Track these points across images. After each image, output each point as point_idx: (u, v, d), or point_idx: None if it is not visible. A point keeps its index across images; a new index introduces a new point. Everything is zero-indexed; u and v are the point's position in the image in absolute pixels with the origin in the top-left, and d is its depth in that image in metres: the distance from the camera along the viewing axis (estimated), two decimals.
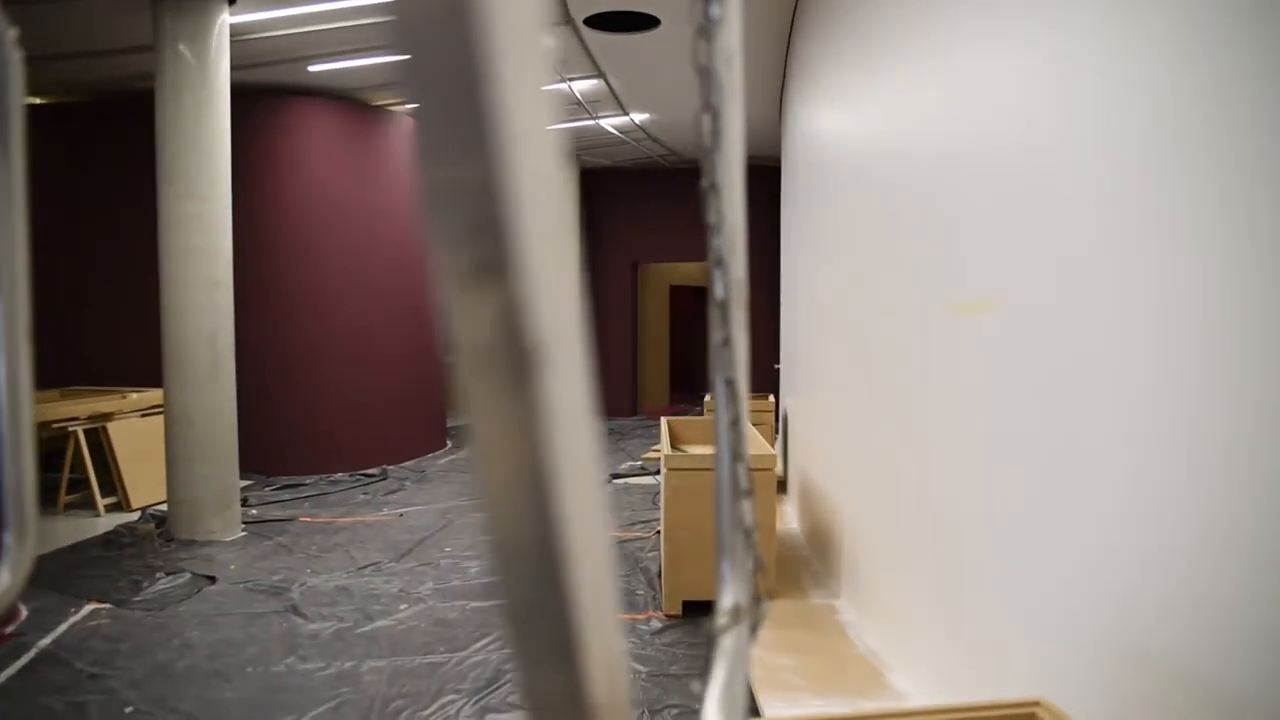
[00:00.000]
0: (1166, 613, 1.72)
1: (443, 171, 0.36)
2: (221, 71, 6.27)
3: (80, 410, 6.94)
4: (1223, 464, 1.55)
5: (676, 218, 13.59)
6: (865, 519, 4.28)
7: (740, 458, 0.63)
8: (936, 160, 3.14)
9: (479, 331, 0.36)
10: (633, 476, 8.56)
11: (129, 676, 3.87)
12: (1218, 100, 1.55)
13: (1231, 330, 1.53)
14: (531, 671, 0.41)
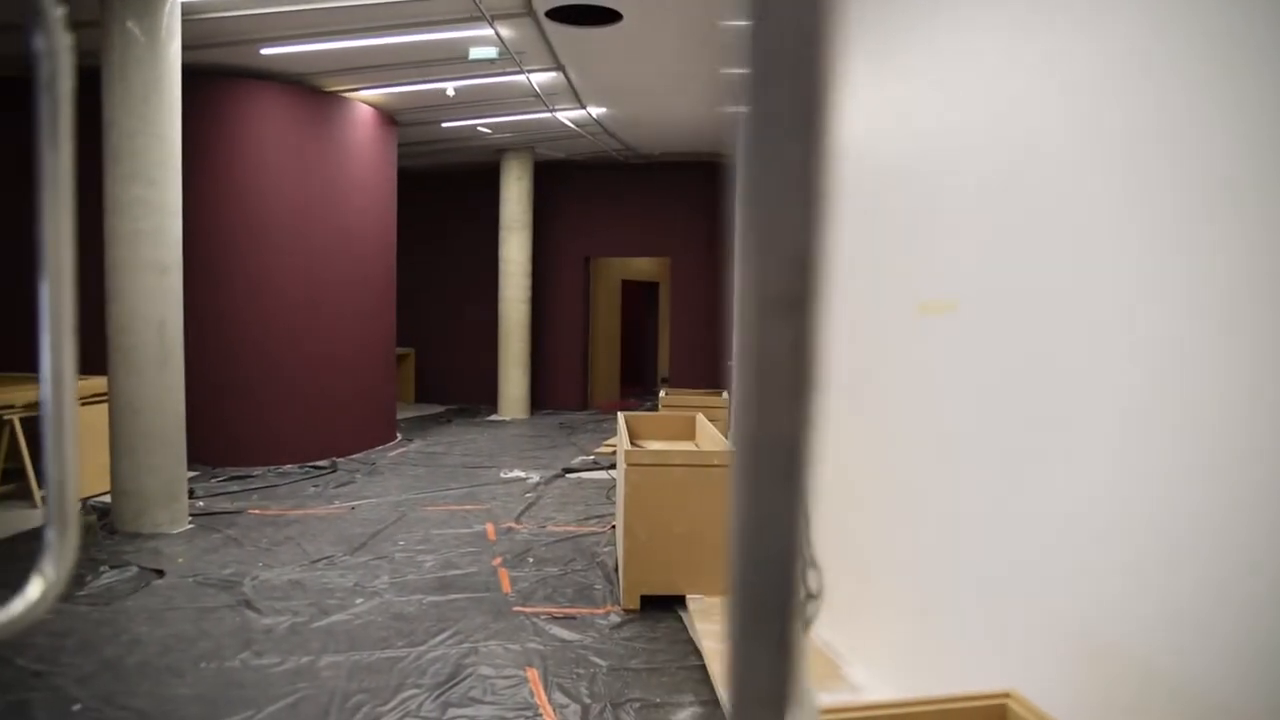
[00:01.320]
0: (1130, 612, 1.78)
1: (774, 211, 0.37)
2: (172, 51, 6.10)
3: (17, 397, 6.71)
4: (1191, 470, 1.61)
5: (630, 213, 13.61)
6: (820, 511, 4.33)
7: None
8: (903, 161, 3.20)
9: (776, 354, 0.38)
10: (585, 471, 8.56)
11: (75, 673, 3.76)
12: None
13: (1208, 336, 1.59)
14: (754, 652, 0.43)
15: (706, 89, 9.06)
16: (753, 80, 0.38)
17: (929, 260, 2.91)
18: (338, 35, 7.30)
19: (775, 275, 0.39)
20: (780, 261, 0.38)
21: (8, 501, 6.72)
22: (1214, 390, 1.55)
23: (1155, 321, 1.70)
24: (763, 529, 0.42)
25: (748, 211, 0.39)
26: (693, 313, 13.41)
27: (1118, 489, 1.82)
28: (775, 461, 0.41)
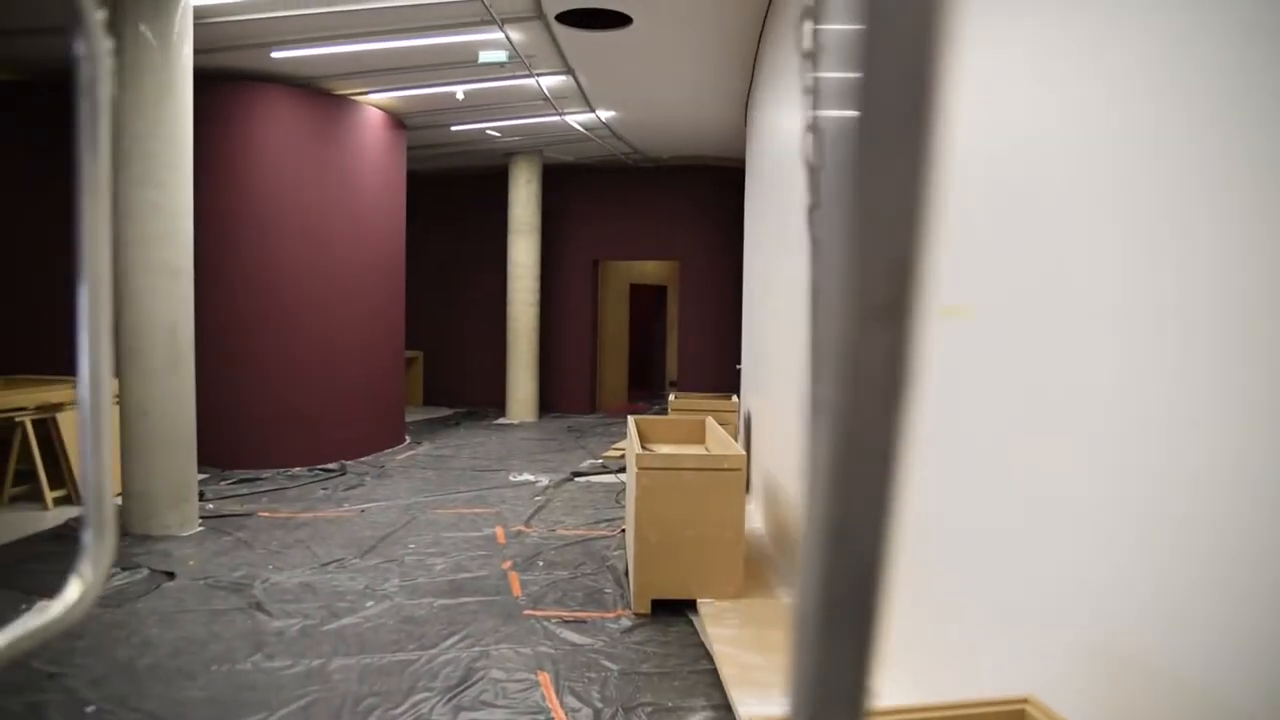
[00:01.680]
0: (1151, 618, 1.77)
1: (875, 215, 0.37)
2: (184, 54, 6.13)
3: (28, 400, 6.74)
4: (1219, 472, 1.60)
5: (638, 216, 13.62)
6: None
7: None
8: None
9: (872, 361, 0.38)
10: (594, 474, 8.56)
11: (88, 675, 3.77)
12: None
13: (1214, 333, 1.58)
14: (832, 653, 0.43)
15: (715, 93, 9.07)
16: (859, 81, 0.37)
17: (953, 263, 2.91)
18: (348, 39, 7.32)
19: (874, 281, 0.38)
20: (880, 266, 0.38)
21: (19, 503, 6.74)
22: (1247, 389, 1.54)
23: (1182, 321, 1.70)
24: (851, 535, 0.42)
25: (844, 215, 0.39)
26: (701, 316, 13.41)
27: (1139, 491, 1.82)
28: (867, 469, 0.41)
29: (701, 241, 13.37)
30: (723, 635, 4.13)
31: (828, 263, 0.40)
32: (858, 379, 0.39)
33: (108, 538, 0.66)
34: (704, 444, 6.00)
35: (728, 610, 4.46)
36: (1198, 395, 1.65)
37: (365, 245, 9.59)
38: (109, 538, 0.66)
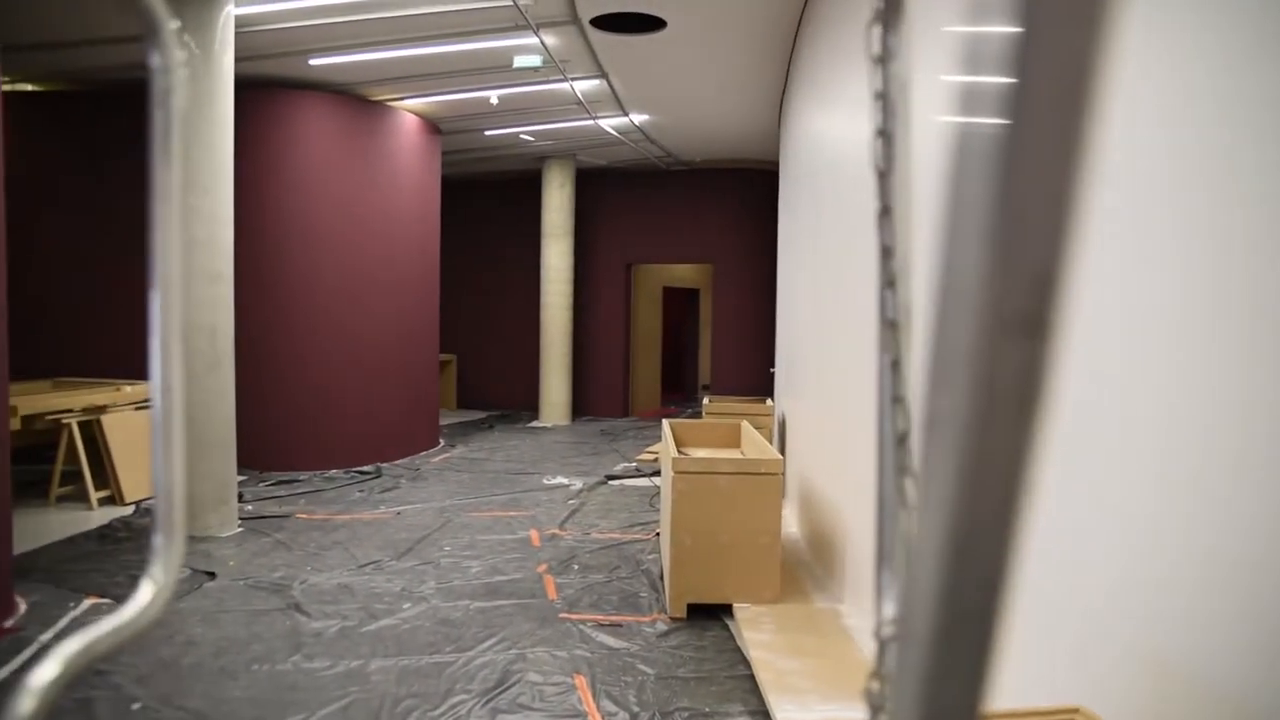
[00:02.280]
0: (1204, 631, 1.74)
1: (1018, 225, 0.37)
2: (225, 63, 6.22)
3: (74, 402, 6.87)
4: (1239, 476, 1.57)
5: (671, 219, 13.61)
6: (869, 523, 4.29)
7: (907, 472, 0.64)
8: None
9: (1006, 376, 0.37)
10: (628, 478, 8.56)
11: (134, 672, 3.83)
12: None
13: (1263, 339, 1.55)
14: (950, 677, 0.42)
15: (749, 95, 9.05)
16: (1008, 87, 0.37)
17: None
18: (384, 45, 7.40)
19: (1014, 292, 0.38)
20: (1021, 277, 0.38)
21: (66, 503, 6.87)
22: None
23: (1234, 325, 1.67)
24: (976, 549, 0.41)
25: (983, 223, 0.38)
26: (735, 320, 13.37)
27: (1190, 497, 1.78)
28: (995, 483, 0.40)
29: (734, 244, 13.33)
30: (759, 640, 4.11)
31: (960, 271, 0.40)
32: (990, 392, 0.39)
33: (177, 541, 0.67)
34: (739, 448, 5.98)
35: (764, 615, 4.44)
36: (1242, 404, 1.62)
37: (400, 249, 9.67)
38: (179, 541, 0.67)
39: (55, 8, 6.41)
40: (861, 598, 4.37)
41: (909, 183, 0.63)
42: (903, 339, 0.64)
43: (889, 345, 0.64)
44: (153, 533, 0.67)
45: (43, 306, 8.32)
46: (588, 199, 13.51)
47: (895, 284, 0.63)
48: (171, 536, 0.66)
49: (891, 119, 0.63)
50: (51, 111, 8.67)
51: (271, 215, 8.53)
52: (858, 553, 4.47)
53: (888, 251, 0.64)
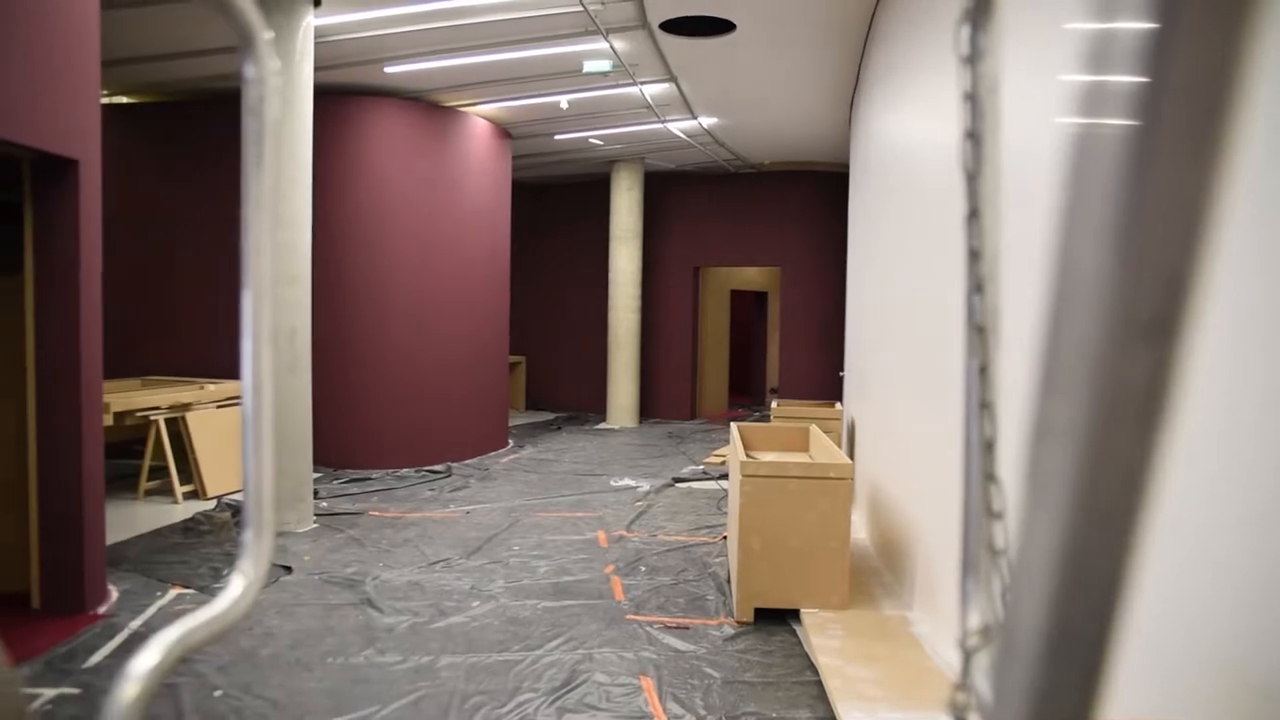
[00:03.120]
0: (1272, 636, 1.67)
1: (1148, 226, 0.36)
2: (305, 72, 6.40)
3: (161, 400, 7.13)
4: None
5: (739, 222, 13.56)
6: (941, 529, 4.22)
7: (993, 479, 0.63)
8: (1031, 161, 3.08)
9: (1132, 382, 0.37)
10: (695, 481, 8.55)
11: (216, 662, 3.96)
12: None
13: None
14: None
15: (819, 96, 8.97)
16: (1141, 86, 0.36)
17: None
18: (457, 52, 7.52)
19: (1141, 296, 0.37)
20: (1150, 281, 0.37)
21: (153, 497, 7.13)
22: None
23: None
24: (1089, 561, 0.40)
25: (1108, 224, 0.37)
26: (803, 323, 13.25)
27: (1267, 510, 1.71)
28: (1113, 493, 0.39)
29: (803, 247, 13.22)
30: (827, 646, 4.07)
31: (1082, 273, 0.39)
32: (1113, 398, 0.38)
33: (267, 536, 0.69)
34: (807, 452, 5.93)
35: (832, 621, 4.39)
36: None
37: (472, 253, 9.82)
38: (268, 536, 0.69)
39: (149, 22, 6.67)
40: (933, 606, 4.29)
41: (998, 185, 0.62)
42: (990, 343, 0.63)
43: (976, 350, 0.63)
44: (243, 528, 0.70)
45: (133, 307, 8.66)
46: (656, 202, 13.54)
47: (983, 288, 0.62)
48: (261, 532, 0.69)
49: (980, 120, 0.61)
50: (143, 121, 9.02)
51: (347, 219, 8.74)
52: (929, 560, 4.39)
53: (975, 255, 0.62)
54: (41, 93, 4.16)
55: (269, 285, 0.67)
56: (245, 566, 0.67)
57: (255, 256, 0.67)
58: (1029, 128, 2.82)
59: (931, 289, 4.66)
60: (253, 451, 0.68)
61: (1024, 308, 0.99)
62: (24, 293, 4.55)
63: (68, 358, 4.50)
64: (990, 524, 0.64)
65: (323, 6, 6.44)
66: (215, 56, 7.50)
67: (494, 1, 6.40)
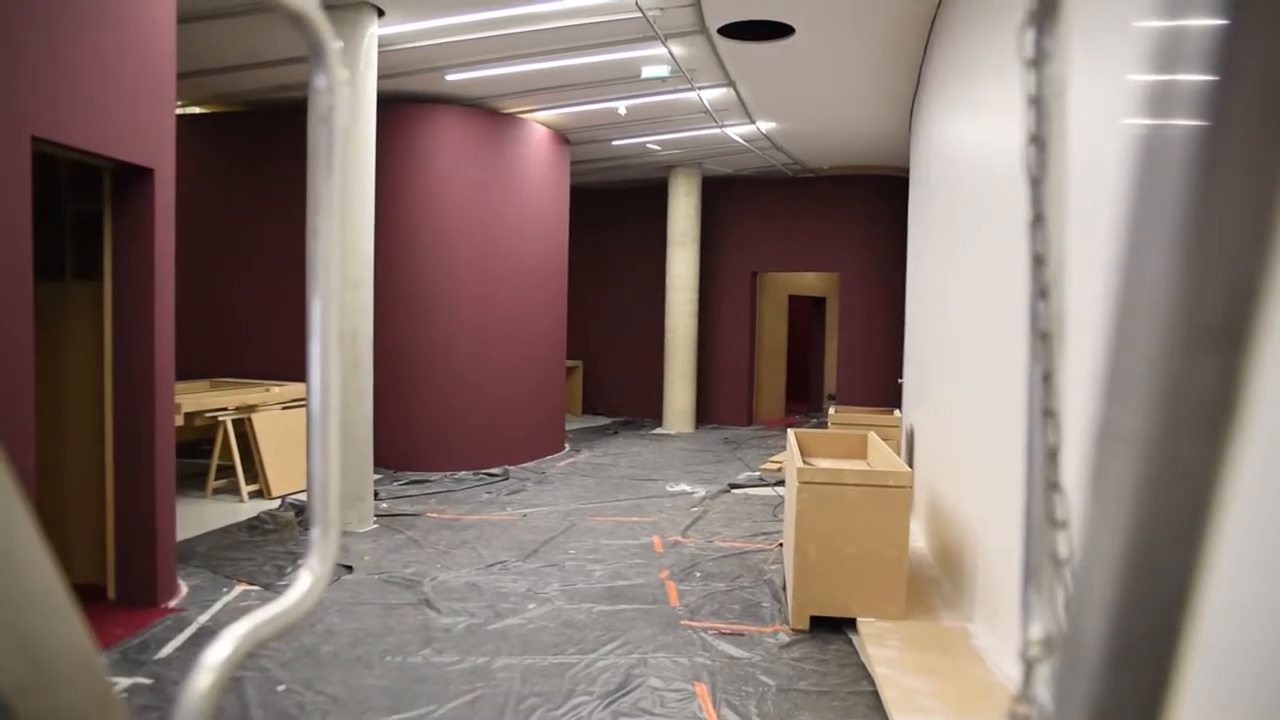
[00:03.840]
0: None
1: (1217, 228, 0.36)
2: (369, 81, 6.53)
3: (229, 401, 7.32)
4: None
5: (797, 227, 13.47)
6: (1003, 540, 4.13)
7: (1057, 488, 0.62)
8: (1098, 165, 3.01)
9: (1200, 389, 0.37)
10: (751, 487, 8.50)
11: (279, 657, 4.06)
12: None
13: None
14: None
15: (878, 100, 8.88)
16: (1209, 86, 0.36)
17: None
18: (517, 59, 7.61)
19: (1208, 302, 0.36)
20: (1217, 287, 0.36)
21: (220, 495, 7.33)
22: None
23: None
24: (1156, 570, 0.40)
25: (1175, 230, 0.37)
26: (862, 329, 13.11)
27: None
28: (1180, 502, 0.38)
29: (862, 252, 13.08)
30: (884, 657, 4.01)
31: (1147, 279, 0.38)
32: (1179, 406, 0.37)
33: (333, 534, 0.71)
34: (865, 459, 5.86)
35: (889, 631, 4.33)
36: None
37: (530, 258, 9.92)
38: (334, 534, 0.71)
39: (221, 34, 6.87)
40: (994, 618, 4.21)
41: (1063, 190, 0.61)
42: (1055, 350, 0.62)
43: (1040, 357, 0.62)
44: (309, 526, 0.72)
45: (203, 312, 8.92)
46: (713, 207, 13.53)
47: (1048, 293, 0.61)
48: (327, 530, 0.70)
49: (1045, 124, 0.61)
50: (212, 130, 9.29)
51: (409, 225, 8.90)
52: (990, 571, 4.30)
53: (1040, 260, 0.61)
54: (122, 105, 4.32)
55: (338, 291, 0.68)
56: (312, 563, 0.69)
57: (325, 263, 0.69)
58: (1096, 131, 2.77)
59: (994, 294, 4.58)
60: (319, 451, 0.70)
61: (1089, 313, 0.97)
62: (103, 298, 4.72)
63: (142, 360, 4.65)
64: (1054, 533, 0.63)
65: (387, 16, 6.57)
66: (280, 67, 7.70)
67: (553, 9, 6.47)
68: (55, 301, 4.87)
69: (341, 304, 0.70)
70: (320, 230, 0.70)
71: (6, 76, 3.59)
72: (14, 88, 3.63)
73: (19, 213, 3.70)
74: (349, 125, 6.38)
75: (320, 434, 0.70)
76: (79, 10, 4.00)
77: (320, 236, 0.70)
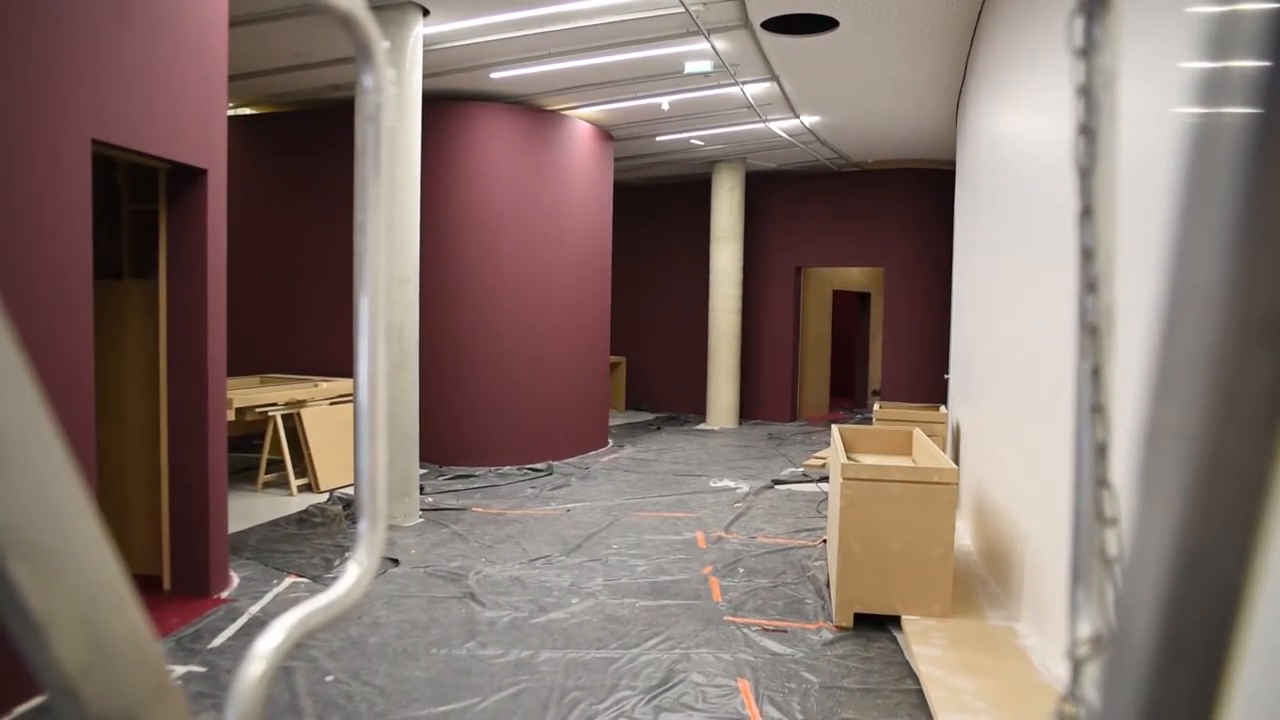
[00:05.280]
0: None
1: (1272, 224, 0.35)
2: (414, 80, 6.60)
3: (278, 396, 7.46)
4: None
5: (842, 222, 13.36)
6: (1051, 538, 4.07)
7: (1106, 484, 0.61)
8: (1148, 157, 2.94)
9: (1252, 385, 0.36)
10: (795, 483, 8.46)
11: (328, 648, 4.13)
12: None
13: None
14: None
15: (924, 93, 8.76)
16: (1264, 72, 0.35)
17: None
18: (560, 57, 7.64)
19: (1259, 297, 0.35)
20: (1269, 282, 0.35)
21: (270, 489, 7.47)
22: None
23: None
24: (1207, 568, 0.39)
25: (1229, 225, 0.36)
26: (907, 324, 12.96)
27: None
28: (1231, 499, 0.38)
29: (907, 246, 12.93)
30: (929, 655, 3.97)
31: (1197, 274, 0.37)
32: (1231, 403, 0.36)
33: (380, 527, 0.72)
34: (910, 456, 5.80)
35: (934, 629, 4.29)
36: None
37: (574, 254, 9.96)
38: (381, 527, 0.72)
39: (271, 36, 6.99)
40: (1042, 617, 4.14)
41: (1113, 182, 0.60)
42: (1104, 345, 0.61)
43: (1089, 351, 0.61)
44: (357, 520, 0.73)
45: (253, 309, 9.09)
46: (757, 202, 13.47)
47: (1096, 287, 0.60)
48: (374, 523, 0.72)
49: (1095, 115, 0.60)
50: (262, 130, 9.46)
51: (454, 222, 8.98)
52: (1038, 569, 4.24)
53: (1088, 253, 0.60)
54: (177, 108, 4.42)
55: (384, 287, 0.70)
56: (359, 556, 0.71)
57: (372, 259, 0.70)
58: (1147, 121, 2.71)
59: (1041, 289, 4.51)
60: (367, 445, 0.72)
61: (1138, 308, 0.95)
62: (158, 296, 4.83)
63: (195, 356, 4.76)
64: (1103, 531, 0.62)
65: (432, 15, 6.63)
66: (328, 68, 7.81)
67: (596, 5, 6.48)
68: (114, 300, 5.00)
69: (388, 300, 0.71)
70: (368, 227, 0.71)
71: (68, 82, 3.69)
72: (74, 93, 3.74)
73: (79, 214, 3.81)
74: (395, 124, 6.46)
75: (368, 428, 0.72)
76: (136, 17, 4.10)
77: (368, 233, 0.71)
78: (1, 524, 0.40)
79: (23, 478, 0.41)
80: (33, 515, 0.41)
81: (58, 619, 0.43)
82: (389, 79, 0.66)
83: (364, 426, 0.72)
